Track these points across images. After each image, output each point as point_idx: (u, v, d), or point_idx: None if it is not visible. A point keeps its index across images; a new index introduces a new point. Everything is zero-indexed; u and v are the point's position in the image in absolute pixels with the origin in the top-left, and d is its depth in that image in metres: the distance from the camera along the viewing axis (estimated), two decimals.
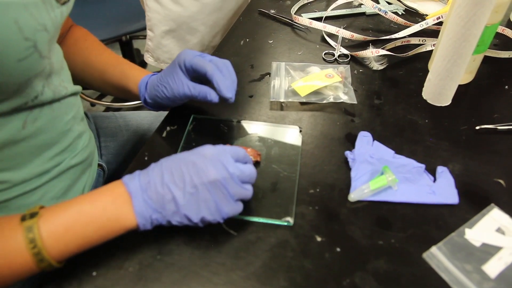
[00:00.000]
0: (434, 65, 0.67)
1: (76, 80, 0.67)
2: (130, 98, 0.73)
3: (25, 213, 0.44)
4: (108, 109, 1.76)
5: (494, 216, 0.54)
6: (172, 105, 0.65)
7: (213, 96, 0.58)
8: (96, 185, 0.72)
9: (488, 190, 0.57)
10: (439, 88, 0.68)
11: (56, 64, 0.56)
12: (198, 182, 0.45)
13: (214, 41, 1.05)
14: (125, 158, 0.82)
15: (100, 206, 0.45)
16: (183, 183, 0.45)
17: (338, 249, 0.50)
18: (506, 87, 0.73)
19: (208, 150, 0.48)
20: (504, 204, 0.55)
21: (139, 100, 0.66)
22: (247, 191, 0.48)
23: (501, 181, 0.58)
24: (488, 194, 0.56)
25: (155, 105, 0.65)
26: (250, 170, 0.48)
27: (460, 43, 0.61)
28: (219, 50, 0.81)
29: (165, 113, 0.69)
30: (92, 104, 1.80)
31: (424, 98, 0.71)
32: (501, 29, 0.84)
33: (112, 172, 0.79)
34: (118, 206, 0.45)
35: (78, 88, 0.64)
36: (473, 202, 0.55)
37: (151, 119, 0.89)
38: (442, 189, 0.56)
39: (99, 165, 0.73)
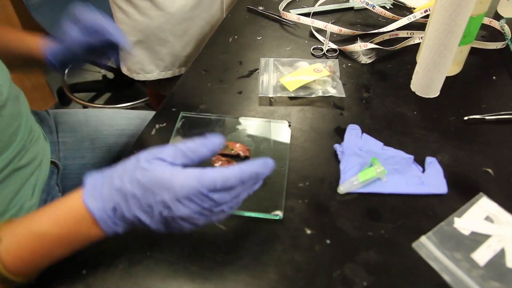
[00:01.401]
0: (421, 57, 0.67)
1: None
2: (32, 63, 0.71)
3: None
4: None
5: (483, 204, 0.54)
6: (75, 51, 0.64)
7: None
8: (49, 182, 0.71)
9: (477, 180, 0.57)
10: (427, 80, 0.68)
11: None
12: (169, 215, 0.41)
13: (185, 50, 1.01)
14: (82, 153, 0.81)
15: (65, 228, 0.42)
16: (152, 213, 0.41)
17: (328, 241, 0.50)
18: (494, 77, 0.73)
19: (177, 183, 0.40)
20: (493, 192, 0.55)
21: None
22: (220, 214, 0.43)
23: (490, 170, 0.58)
24: (476, 183, 0.57)
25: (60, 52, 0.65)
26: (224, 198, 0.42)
27: (446, 34, 0.61)
28: (207, 48, 0.81)
29: (130, 111, 0.68)
30: (85, 107, 1.79)
31: (413, 90, 0.71)
32: (488, 21, 0.85)
33: (68, 168, 0.78)
34: (84, 227, 0.42)
35: (16, 91, 0.63)
36: (462, 191, 0.56)
37: (114, 116, 0.88)
38: (431, 180, 0.57)
39: (52, 162, 0.72)
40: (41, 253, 0.43)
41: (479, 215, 0.53)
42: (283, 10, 0.89)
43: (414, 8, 0.88)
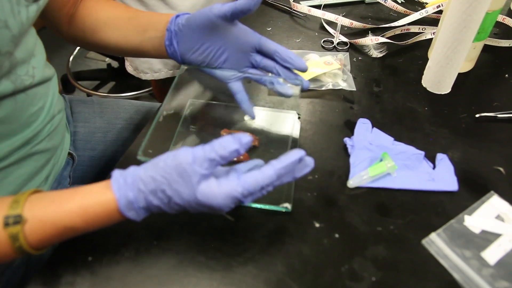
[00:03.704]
0: (434, 53, 0.67)
1: (90, 44, 0.65)
2: (150, 51, 0.62)
3: (8, 214, 0.41)
4: None
5: (494, 203, 0.53)
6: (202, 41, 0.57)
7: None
8: (63, 173, 0.70)
9: (488, 178, 0.56)
10: (438, 76, 0.67)
11: (22, 55, 0.53)
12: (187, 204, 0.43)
13: None
14: (94, 145, 0.79)
15: (96, 222, 0.43)
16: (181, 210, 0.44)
17: (337, 235, 0.50)
18: (506, 75, 0.72)
19: (216, 204, 0.42)
20: (504, 191, 0.54)
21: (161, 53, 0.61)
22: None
23: (501, 169, 0.57)
24: (487, 181, 0.56)
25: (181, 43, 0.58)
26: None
27: (461, 29, 0.61)
28: None
29: (146, 104, 0.67)
30: (88, 95, 1.78)
31: (424, 86, 0.70)
32: (501, 18, 0.84)
33: (78, 159, 0.76)
34: (114, 220, 0.44)
35: (49, 74, 0.61)
36: (472, 189, 0.55)
37: (130, 109, 0.85)
38: (441, 176, 0.56)
39: (69, 153, 0.71)
40: (67, 238, 0.44)
41: (489, 213, 0.52)
42: (293, 1, 0.87)
43: (427, 3, 0.87)
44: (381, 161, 0.56)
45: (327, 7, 0.88)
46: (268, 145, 0.59)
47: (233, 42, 0.56)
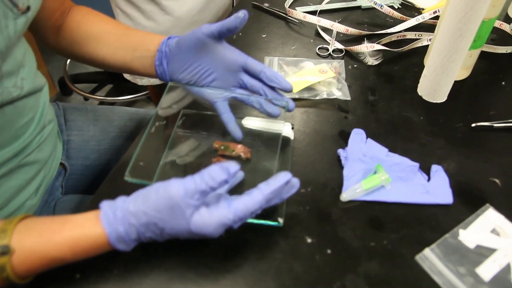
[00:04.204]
0: (429, 61, 0.66)
1: (76, 56, 0.64)
2: (138, 69, 0.62)
3: None
4: (101, 103, 1.74)
5: (489, 216, 0.52)
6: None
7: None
8: (54, 183, 0.69)
9: (484, 190, 0.56)
10: (434, 84, 0.66)
11: (10, 67, 0.52)
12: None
13: None
14: (87, 154, 0.78)
15: (84, 253, 0.44)
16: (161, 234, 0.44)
17: (329, 251, 0.49)
18: (503, 83, 0.71)
19: (207, 232, 0.43)
20: (500, 204, 0.54)
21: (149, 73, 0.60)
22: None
23: (497, 181, 0.57)
24: (483, 193, 0.55)
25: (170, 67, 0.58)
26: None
27: (457, 38, 0.60)
28: None
29: (140, 112, 0.66)
30: (86, 99, 1.78)
31: (420, 94, 0.69)
32: (498, 24, 0.83)
33: (70, 168, 0.75)
34: (103, 251, 0.44)
35: (40, 84, 0.61)
36: (468, 202, 0.54)
37: (124, 116, 0.84)
38: (436, 189, 0.55)
39: (61, 163, 0.70)
40: (55, 267, 0.44)
41: (485, 227, 0.51)
42: (289, 7, 0.87)
43: (423, 9, 0.86)
44: (375, 173, 0.56)
45: (323, 13, 0.87)
46: (261, 158, 0.59)
47: (221, 61, 0.56)
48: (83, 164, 0.78)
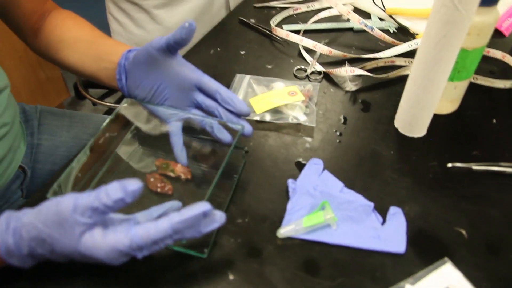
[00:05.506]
0: (405, 91, 0.60)
1: (53, 60, 0.64)
2: (104, 80, 0.59)
3: None
4: (110, 110, 1.76)
5: (445, 272, 0.45)
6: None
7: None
8: (10, 187, 0.67)
9: (445, 241, 0.49)
10: (409, 117, 0.61)
11: None
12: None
13: None
14: (55, 160, 0.76)
15: None
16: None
17: None
18: (494, 121, 0.64)
19: (101, 256, 0.39)
20: (461, 259, 0.47)
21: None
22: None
23: (463, 231, 0.50)
24: (444, 245, 0.48)
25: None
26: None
27: (432, 67, 0.54)
28: (186, 58, 0.76)
29: None
30: (94, 104, 1.80)
31: (396, 126, 0.63)
32: (501, 56, 0.75)
33: (37, 171, 0.74)
34: None
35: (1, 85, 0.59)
36: (423, 253, 0.47)
37: (99, 124, 0.83)
38: (389, 234, 0.49)
39: (20, 166, 0.69)
40: None
41: (437, 285, 0.44)
42: (276, 25, 0.83)
43: (417, 34, 0.80)
44: (322, 209, 0.50)
45: (312, 32, 0.83)
46: (203, 181, 0.54)
47: (173, 78, 0.53)
48: (51, 169, 0.77)
